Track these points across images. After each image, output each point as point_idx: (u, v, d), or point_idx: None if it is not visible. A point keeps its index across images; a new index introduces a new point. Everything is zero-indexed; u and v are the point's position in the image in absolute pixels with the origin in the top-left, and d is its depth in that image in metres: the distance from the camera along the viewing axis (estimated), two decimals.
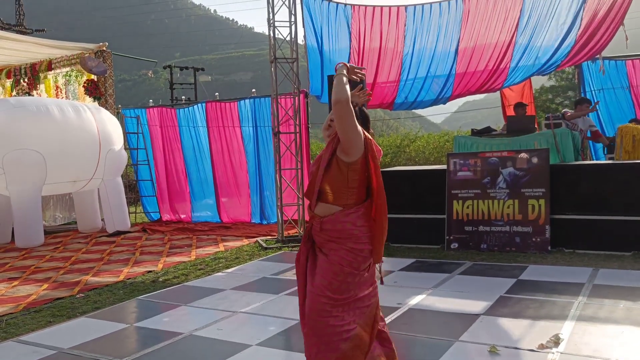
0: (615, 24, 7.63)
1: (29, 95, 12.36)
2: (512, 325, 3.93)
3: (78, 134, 9.13)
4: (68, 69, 12.04)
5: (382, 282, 3.05)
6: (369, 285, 2.80)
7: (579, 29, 7.81)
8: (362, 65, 9.03)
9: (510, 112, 10.00)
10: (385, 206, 2.81)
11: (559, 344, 3.50)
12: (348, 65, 2.79)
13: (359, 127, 2.70)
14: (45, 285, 5.99)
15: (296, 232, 8.50)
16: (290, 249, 7.59)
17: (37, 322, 4.64)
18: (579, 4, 7.73)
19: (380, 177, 2.77)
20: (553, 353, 3.37)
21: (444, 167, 7.21)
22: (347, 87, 2.66)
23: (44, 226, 9.37)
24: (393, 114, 26.76)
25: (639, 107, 8.99)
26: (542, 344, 3.49)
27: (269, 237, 8.64)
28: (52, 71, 12.33)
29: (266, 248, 7.70)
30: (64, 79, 12.27)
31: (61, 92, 12.35)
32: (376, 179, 2.75)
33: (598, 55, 8.23)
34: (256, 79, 76.11)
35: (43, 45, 11.76)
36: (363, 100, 2.95)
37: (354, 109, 2.88)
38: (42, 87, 12.60)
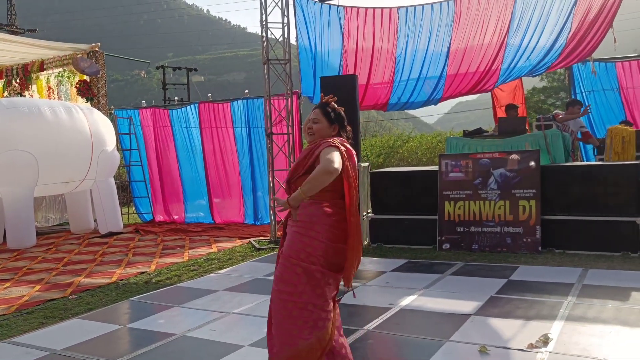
0: (605, 26, 7.71)
1: (21, 95, 12.32)
2: (502, 325, 3.97)
3: (70, 135, 9.11)
4: (60, 69, 12.01)
5: (354, 296, 3.14)
6: (327, 299, 2.80)
7: (569, 31, 7.89)
8: (355, 66, 9.07)
9: (501, 113, 10.06)
10: (356, 230, 2.79)
11: (548, 343, 3.54)
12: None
13: (337, 152, 2.75)
14: (38, 287, 5.98)
15: None
16: None
17: (29, 323, 4.64)
18: (569, 6, 7.81)
19: (354, 198, 2.79)
20: (542, 352, 3.41)
21: (436, 168, 7.25)
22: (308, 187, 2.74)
23: (36, 227, 9.35)
24: (386, 115, 26.78)
25: (628, 108, 9.07)
26: (531, 344, 3.53)
27: (262, 237, 8.65)
28: (45, 72, 12.30)
29: (259, 249, 7.71)
30: (56, 80, 12.24)
31: (53, 93, 12.31)
32: (349, 199, 2.77)
33: (589, 57, 8.32)
34: (249, 79, 76.08)
35: (35, 45, 11.72)
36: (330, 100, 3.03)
37: (329, 114, 2.96)
38: (34, 87, 12.56)
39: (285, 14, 8.31)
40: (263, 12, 8.25)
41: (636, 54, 9.23)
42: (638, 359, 3.26)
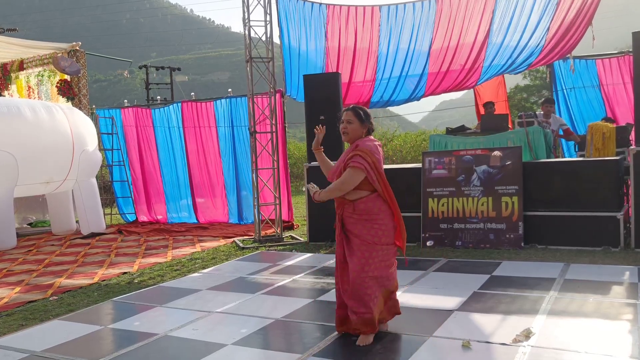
0: (584, 24, 7.80)
1: (0, 95, 12.15)
2: (485, 321, 3.99)
3: (51, 135, 9.00)
4: (40, 68, 11.86)
5: (406, 264, 3.98)
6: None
7: (549, 29, 7.95)
8: (338, 64, 9.07)
9: (484, 110, 10.12)
10: (398, 211, 3.77)
11: (530, 337, 3.56)
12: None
13: (354, 171, 3.54)
14: (18, 289, 5.90)
15: (273, 232, 8.48)
16: (267, 248, 7.59)
17: (8, 325, 4.57)
18: (551, 4, 7.87)
19: (389, 188, 3.75)
20: (524, 347, 3.43)
21: (420, 165, 7.27)
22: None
23: (16, 229, 9.21)
24: (371, 113, 26.86)
25: (608, 105, 9.17)
26: (514, 338, 3.55)
27: (246, 237, 8.62)
28: (24, 71, 12.14)
29: (243, 248, 7.68)
30: (36, 79, 12.09)
31: (33, 93, 12.16)
32: (387, 191, 3.70)
33: (569, 55, 8.40)
34: (233, 78, 75.83)
35: (15, 44, 11.58)
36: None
37: (361, 114, 3.67)
38: (13, 87, 12.40)
39: (268, 12, 8.28)
40: (245, 10, 8.21)
41: (616, 51, 9.34)
42: (618, 352, 3.29)
